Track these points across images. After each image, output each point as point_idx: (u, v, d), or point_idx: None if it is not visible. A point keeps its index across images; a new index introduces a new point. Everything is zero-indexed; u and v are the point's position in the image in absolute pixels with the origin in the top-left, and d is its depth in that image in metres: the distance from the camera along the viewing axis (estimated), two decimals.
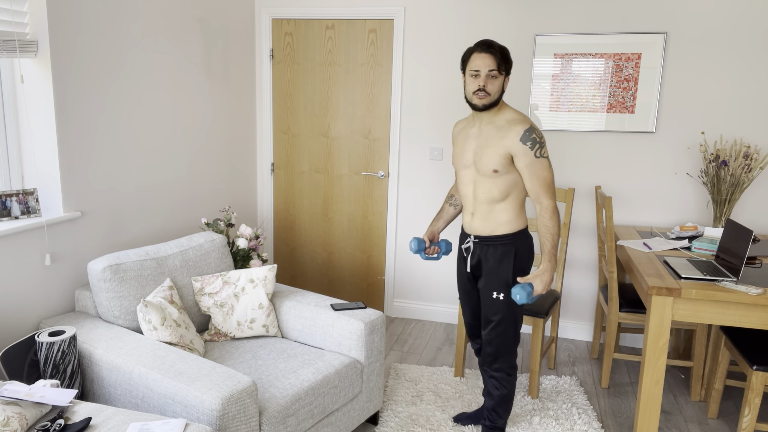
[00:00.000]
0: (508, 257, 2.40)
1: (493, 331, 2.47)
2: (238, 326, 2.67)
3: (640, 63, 3.50)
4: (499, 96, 2.32)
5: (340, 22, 3.94)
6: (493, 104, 2.32)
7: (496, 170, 2.33)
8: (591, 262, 3.80)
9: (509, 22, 3.67)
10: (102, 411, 1.86)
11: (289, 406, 2.21)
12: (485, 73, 2.28)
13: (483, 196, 2.40)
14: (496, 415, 2.59)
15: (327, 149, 4.14)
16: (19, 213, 2.50)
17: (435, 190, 3.98)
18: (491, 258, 2.43)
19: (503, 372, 2.52)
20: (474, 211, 2.45)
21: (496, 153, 2.31)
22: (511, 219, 2.39)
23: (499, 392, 2.54)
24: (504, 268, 2.41)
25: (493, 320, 2.46)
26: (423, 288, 4.15)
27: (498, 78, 2.29)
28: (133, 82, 2.97)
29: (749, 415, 2.56)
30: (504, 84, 2.33)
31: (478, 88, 2.30)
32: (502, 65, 2.28)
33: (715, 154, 3.32)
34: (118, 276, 2.44)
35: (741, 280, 2.54)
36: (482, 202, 2.41)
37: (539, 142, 2.28)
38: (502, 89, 2.33)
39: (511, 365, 2.52)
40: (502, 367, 2.51)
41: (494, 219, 2.40)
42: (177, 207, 3.38)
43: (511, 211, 2.39)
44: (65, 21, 2.55)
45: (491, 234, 2.42)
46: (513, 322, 2.45)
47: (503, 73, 2.30)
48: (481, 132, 2.39)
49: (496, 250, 2.42)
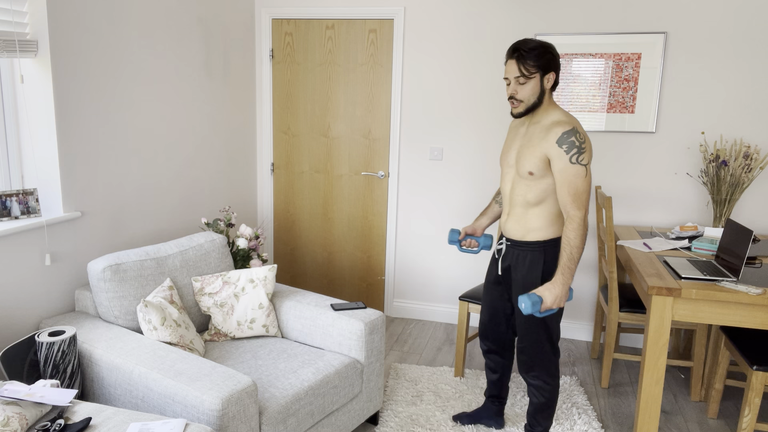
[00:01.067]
0: (537, 265, 2.33)
1: (525, 338, 2.42)
2: (238, 326, 2.67)
3: (640, 63, 3.50)
4: (536, 99, 2.24)
5: (340, 22, 3.94)
6: (530, 109, 2.25)
7: (532, 172, 2.25)
8: (591, 262, 3.80)
9: (509, 22, 3.66)
10: (102, 411, 1.86)
11: (289, 406, 2.21)
12: (513, 80, 2.23)
13: (517, 198, 2.34)
14: (536, 422, 2.54)
15: (327, 149, 4.14)
16: (19, 213, 2.50)
17: (435, 190, 3.98)
18: (521, 265, 2.37)
19: (541, 380, 2.45)
20: (509, 212, 2.40)
21: (533, 155, 2.24)
22: (544, 226, 2.31)
23: (537, 400, 2.49)
24: (533, 276, 2.34)
25: (523, 329, 2.41)
26: (423, 288, 4.15)
27: (528, 82, 2.21)
28: (133, 81, 2.97)
29: (749, 415, 2.56)
30: (543, 84, 2.22)
31: (509, 96, 2.26)
32: (530, 68, 2.18)
33: (715, 154, 3.32)
34: (118, 276, 2.44)
35: (741, 280, 2.54)
36: (516, 204, 2.35)
37: (578, 146, 2.16)
38: (541, 90, 2.23)
39: (550, 374, 2.43)
40: (539, 375, 2.44)
41: (526, 223, 2.33)
42: (177, 207, 3.38)
43: (544, 218, 2.30)
44: (65, 21, 2.55)
45: (522, 239, 2.35)
46: (545, 330, 2.38)
47: (534, 75, 2.20)
48: (527, 132, 2.32)
49: (525, 257, 2.35)
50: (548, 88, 2.25)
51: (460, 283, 4.07)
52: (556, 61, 2.22)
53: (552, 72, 2.22)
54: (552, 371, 2.44)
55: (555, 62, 2.22)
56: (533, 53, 2.18)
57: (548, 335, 2.39)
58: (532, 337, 2.39)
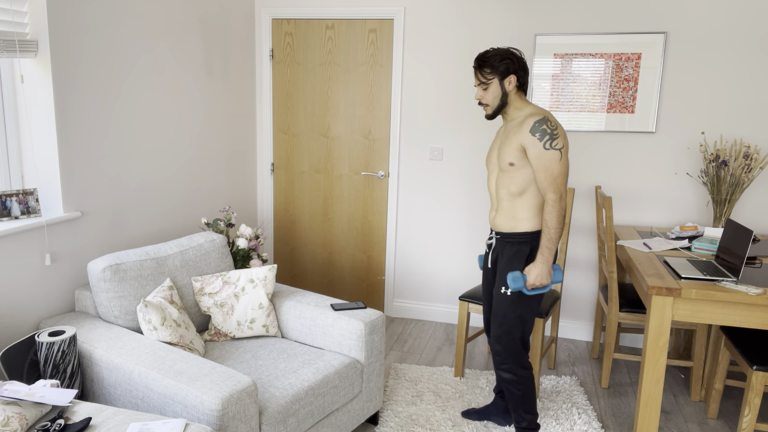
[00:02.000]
0: (521, 255, 2.43)
1: (499, 327, 2.49)
2: (238, 326, 2.67)
3: (640, 63, 3.50)
4: (500, 102, 2.41)
5: (340, 22, 3.94)
6: (497, 110, 2.43)
7: (512, 163, 2.37)
8: (591, 262, 3.80)
9: (509, 22, 3.66)
10: (102, 411, 1.86)
11: (289, 406, 2.21)
12: (478, 87, 2.43)
13: (502, 192, 2.45)
14: (520, 417, 2.59)
15: (327, 149, 4.14)
16: (19, 213, 2.50)
17: (435, 190, 3.98)
18: (506, 255, 2.47)
19: (512, 373, 2.52)
20: (497, 208, 2.50)
21: (511, 146, 2.37)
22: (530, 216, 2.42)
23: (514, 394, 2.55)
24: (515, 264, 2.44)
25: (499, 315, 2.48)
26: (423, 288, 4.15)
27: (489, 87, 2.39)
28: (133, 81, 2.97)
29: (749, 415, 2.56)
30: (504, 86, 2.38)
31: (478, 102, 2.45)
32: (487, 74, 2.37)
33: (715, 154, 3.32)
34: (118, 276, 2.44)
35: (741, 280, 2.54)
36: (502, 198, 2.46)
37: (550, 133, 2.30)
38: (502, 92, 2.39)
39: (522, 365, 2.52)
40: (512, 368, 2.52)
41: (514, 215, 2.44)
42: (177, 207, 3.38)
43: (529, 208, 2.41)
44: (65, 21, 2.55)
45: (510, 231, 2.45)
46: (519, 319, 2.46)
47: (491, 80, 2.37)
48: (506, 130, 2.47)
49: (512, 247, 2.45)
50: (511, 90, 2.40)
51: (460, 283, 4.07)
52: (517, 64, 2.37)
53: (512, 75, 2.37)
54: (524, 363, 2.52)
55: (516, 65, 2.37)
56: (488, 61, 2.37)
57: (522, 324, 2.47)
58: (506, 325, 2.47)
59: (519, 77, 2.38)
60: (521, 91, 2.42)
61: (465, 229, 3.98)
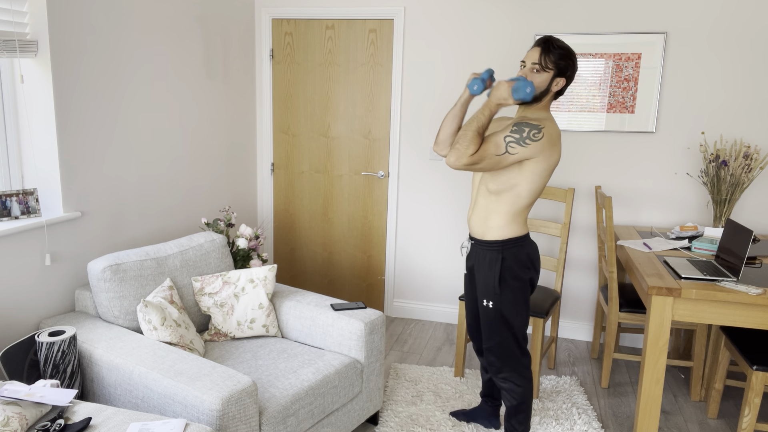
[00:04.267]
0: (495, 265, 2.35)
1: (489, 339, 2.43)
2: (238, 326, 2.67)
3: (640, 63, 3.50)
4: (537, 94, 2.23)
5: (340, 22, 3.94)
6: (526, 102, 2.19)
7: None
8: (591, 262, 3.80)
9: (509, 21, 3.66)
10: (102, 411, 1.86)
11: (289, 406, 2.21)
12: (529, 66, 2.22)
13: (481, 188, 2.37)
14: (512, 426, 2.52)
15: (327, 149, 4.14)
16: (19, 213, 2.50)
17: (435, 190, 3.98)
18: (482, 265, 2.39)
19: (511, 382, 2.44)
20: (474, 205, 2.41)
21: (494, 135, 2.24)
22: (501, 225, 2.32)
23: (509, 403, 2.49)
24: (491, 276, 2.36)
25: (487, 330, 2.43)
26: (423, 288, 4.15)
27: (541, 74, 2.20)
28: (133, 81, 2.97)
29: (749, 415, 2.56)
30: (551, 84, 2.22)
31: None
32: (550, 62, 2.18)
33: (715, 154, 3.32)
34: (118, 276, 2.44)
35: (741, 280, 2.54)
36: (480, 195, 2.37)
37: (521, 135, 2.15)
38: (547, 88, 2.23)
39: (520, 374, 2.44)
40: (509, 377, 2.44)
41: (486, 218, 2.34)
42: (177, 207, 3.38)
43: (503, 214, 2.31)
44: (65, 21, 2.55)
45: (482, 238, 2.37)
46: (508, 329, 2.39)
47: (549, 70, 2.20)
48: (500, 122, 2.40)
49: (485, 256, 2.37)
50: (553, 91, 2.26)
51: (460, 283, 4.06)
52: (571, 70, 2.23)
53: (563, 78, 2.23)
54: (522, 372, 2.44)
55: (570, 70, 2.23)
56: (558, 51, 2.19)
57: (512, 334, 2.39)
58: (496, 338, 2.41)
59: (566, 85, 2.26)
60: (555, 99, 2.30)
61: (465, 229, 3.98)
